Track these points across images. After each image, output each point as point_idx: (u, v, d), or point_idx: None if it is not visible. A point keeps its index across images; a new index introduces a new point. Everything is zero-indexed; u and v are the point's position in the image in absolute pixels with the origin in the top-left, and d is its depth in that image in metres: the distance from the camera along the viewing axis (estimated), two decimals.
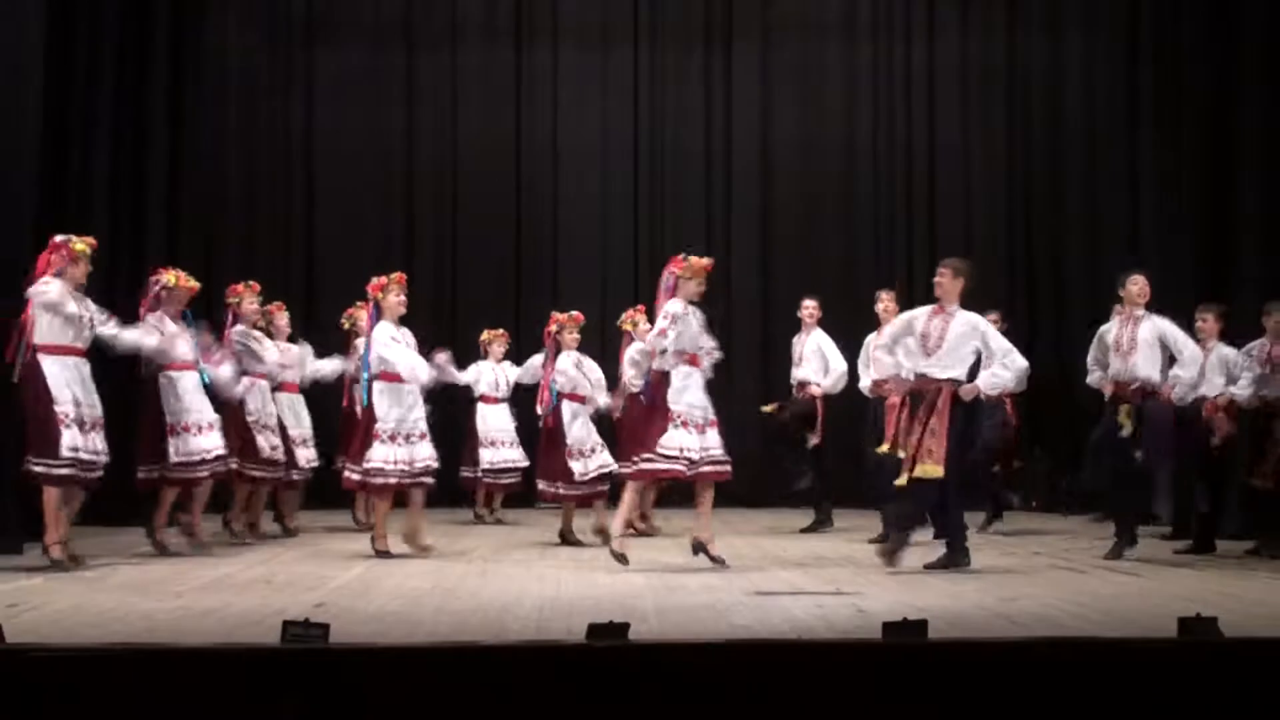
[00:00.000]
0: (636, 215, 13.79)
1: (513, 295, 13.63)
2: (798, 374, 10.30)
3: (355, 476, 8.57)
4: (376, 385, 8.42)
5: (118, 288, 9.78)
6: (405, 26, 13.75)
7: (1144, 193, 11.73)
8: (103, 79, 10.78)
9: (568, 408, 9.39)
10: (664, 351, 7.86)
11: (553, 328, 9.61)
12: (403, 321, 8.67)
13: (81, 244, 7.78)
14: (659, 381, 7.91)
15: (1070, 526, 10.69)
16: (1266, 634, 5.33)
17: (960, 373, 7.80)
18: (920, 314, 8.06)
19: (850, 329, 10.51)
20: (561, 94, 13.83)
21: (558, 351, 9.53)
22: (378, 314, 8.59)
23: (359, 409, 8.74)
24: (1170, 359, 8.46)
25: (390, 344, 8.45)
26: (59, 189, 10.12)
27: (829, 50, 13.94)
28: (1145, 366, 8.34)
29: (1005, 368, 7.82)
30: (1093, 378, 8.72)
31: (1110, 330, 8.60)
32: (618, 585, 7.04)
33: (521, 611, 6.02)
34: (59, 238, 7.81)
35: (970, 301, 8.17)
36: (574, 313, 9.76)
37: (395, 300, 8.58)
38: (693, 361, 7.91)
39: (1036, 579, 7.42)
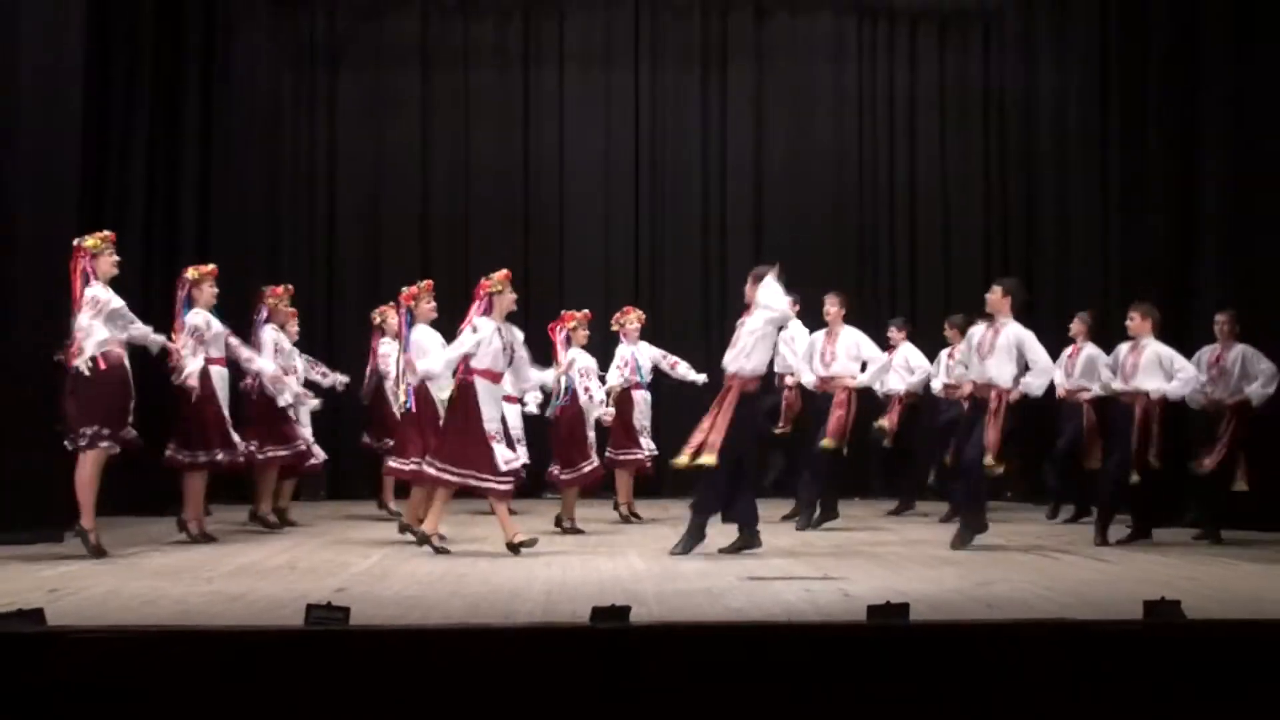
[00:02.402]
0: (638, 228, 13.77)
1: (522, 302, 13.57)
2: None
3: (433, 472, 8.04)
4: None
5: (152, 298, 9.76)
6: (421, 50, 13.73)
7: (1111, 210, 11.71)
8: (137, 99, 10.79)
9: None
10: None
11: (571, 324, 9.63)
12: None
13: (92, 239, 7.65)
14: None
15: (1041, 516, 10.66)
16: (1226, 615, 5.34)
17: (750, 369, 7.83)
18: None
19: None
20: (567, 114, 13.81)
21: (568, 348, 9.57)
22: (411, 320, 8.60)
23: (402, 408, 8.59)
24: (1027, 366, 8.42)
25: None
26: (96, 206, 10.10)
27: (818, 73, 13.94)
28: (998, 370, 8.25)
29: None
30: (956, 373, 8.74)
31: (976, 333, 8.55)
32: (620, 571, 7.04)
33: (530, 595, 6.01)
34: (75, 241, 7.69)
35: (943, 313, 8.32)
36: (585, 310, 9.83)
37: (427, 307, 8.64)
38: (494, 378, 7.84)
39: (1011, 565, 7.41)
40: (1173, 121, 10.83)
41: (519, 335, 8.15)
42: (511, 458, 7.91)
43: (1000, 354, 8.26)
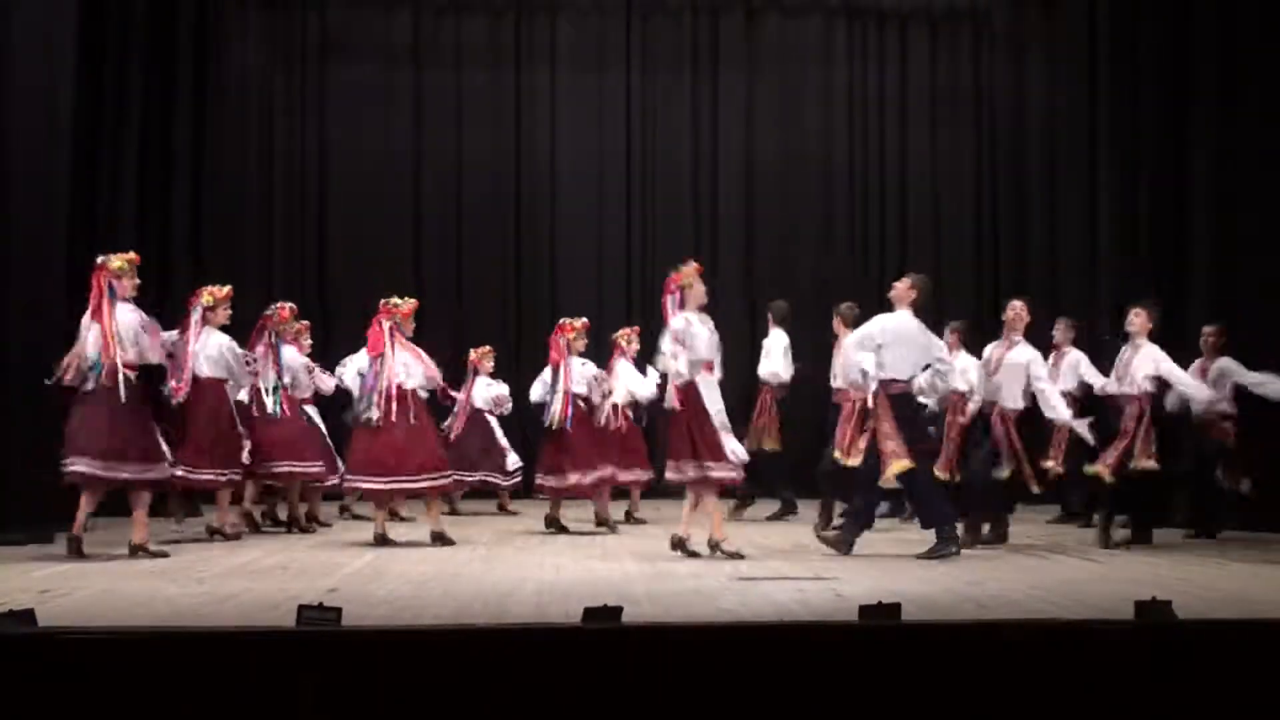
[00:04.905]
0: (629, 229, 13.77)
1: (513, 302, 13.62)
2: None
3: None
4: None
5: (144, 298, 9.74)
6: (413, 49, 13.71)
7: (1101, 207, 11.75)
8: (130, 99, 10.78)
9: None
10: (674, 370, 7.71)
11: (571, 334, 9.60)
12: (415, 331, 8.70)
13: (119, 260, 7.61)
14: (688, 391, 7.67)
15: (1032, 517, 10.67)
16: (1217, 616, 5.34)
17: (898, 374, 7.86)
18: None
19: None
20: (559, 115, 13.81)
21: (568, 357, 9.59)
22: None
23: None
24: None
25: None
26: (89, 207, 10.09)
27: (808, 75, 13.96)
28: (1006, 390, 8.32)
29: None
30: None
31: (989, 349, 8.58)
32: (612, 571, 7.03)
33: (522, 596, 6.00)
34: (100, 258, 7.63)
35: (936, 315, 8.40)
36: (584, 320, 9.79)
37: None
38: (708, 368, 7.74)
39: (1002, 565, 7.41)
40: (1162, 121, 10.88)
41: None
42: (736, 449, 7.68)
43: (1010, 372, 8.33)
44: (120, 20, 10.73)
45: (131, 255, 7.73)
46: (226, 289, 8.81)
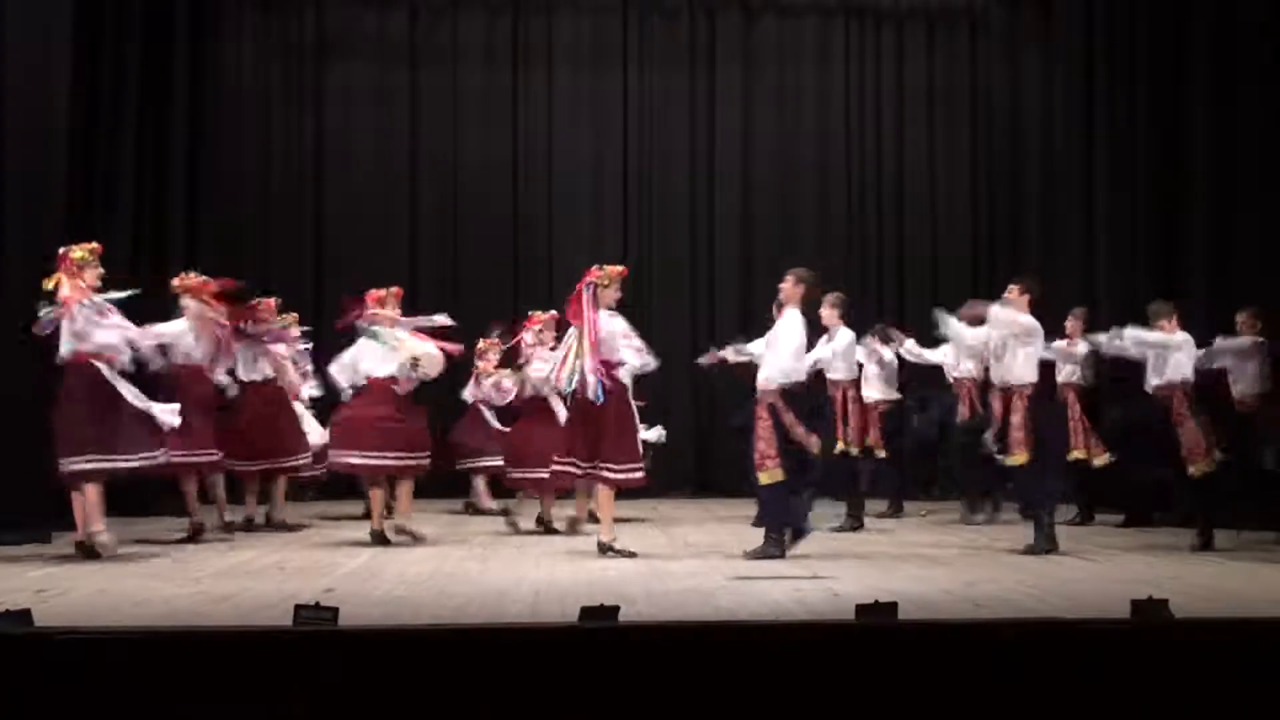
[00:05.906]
0: (626, 229, 13.76)
1: (510, 301, 13.60)
2: None
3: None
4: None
5: (142, 296, 9.75)
6: (410, 47, 13.70)
7: (1098, 206, 11.75)
8: (127, 97, 10.78)
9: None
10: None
11: (536, 327, 9.78)
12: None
13: (80, 251, 7.57)
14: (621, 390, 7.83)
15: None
16: (1213, 615, 5.35)
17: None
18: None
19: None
20: (556, 114, 13.81)
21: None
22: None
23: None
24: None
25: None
26: (85, 205, 10.08)
27: (805, 75, 13.96)
28: (1019, 370, 8.23)
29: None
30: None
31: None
32: (609, 571, 7.03)
33: (518, 595, 6.01)
34: (62, 250, 7.61)
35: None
36: (552, 312, 9.87)
37: (392, 313, 8.62)
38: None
39: (999, 564, 7.42)
40: (1159, 118, 10.88)
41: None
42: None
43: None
44: (116, 19, 10.72)
45: (94, 245, 7.68)
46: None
